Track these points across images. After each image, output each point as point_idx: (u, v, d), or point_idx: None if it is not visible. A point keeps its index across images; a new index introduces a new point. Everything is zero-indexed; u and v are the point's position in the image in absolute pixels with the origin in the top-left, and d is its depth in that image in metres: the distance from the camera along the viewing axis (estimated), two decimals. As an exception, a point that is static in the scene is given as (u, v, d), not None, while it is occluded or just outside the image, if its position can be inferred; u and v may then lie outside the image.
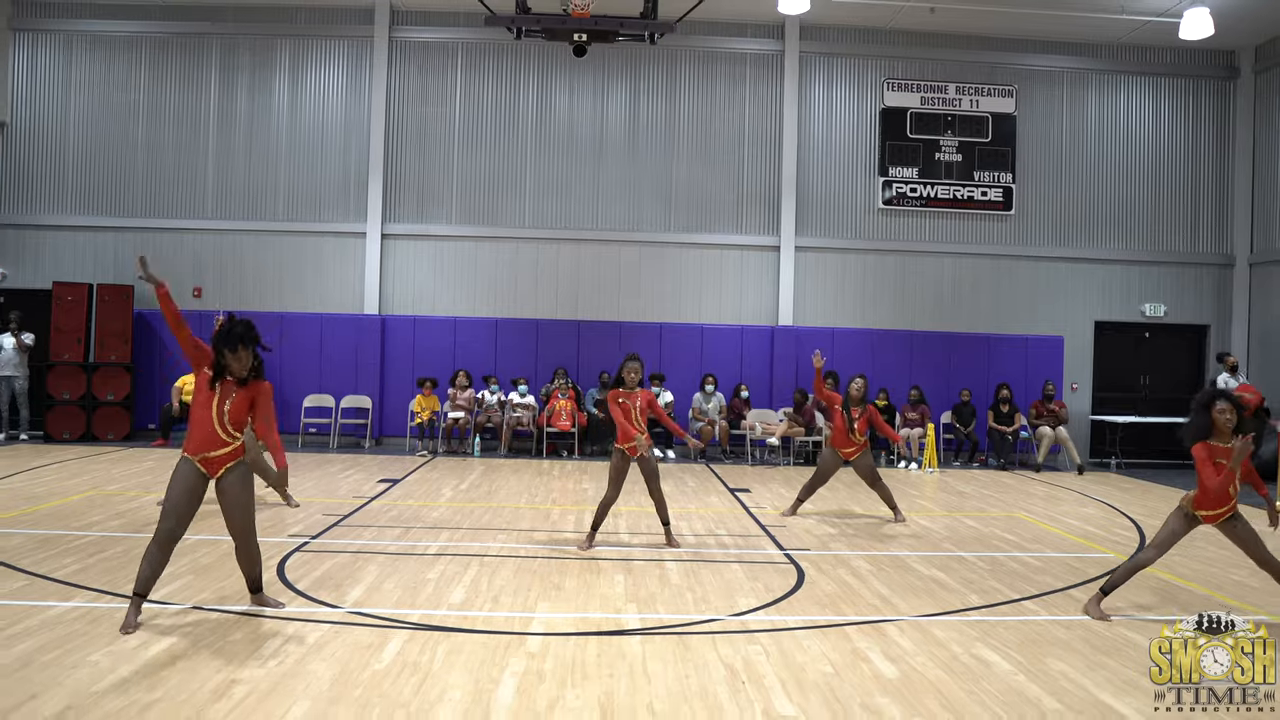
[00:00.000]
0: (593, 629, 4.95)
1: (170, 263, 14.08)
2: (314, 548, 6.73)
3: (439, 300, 14.18)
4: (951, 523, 8.67)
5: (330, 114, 14.26)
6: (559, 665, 4.34)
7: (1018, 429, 13.37)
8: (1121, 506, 9.94)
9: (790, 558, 6.85)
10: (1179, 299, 14.79)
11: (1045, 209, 14.65)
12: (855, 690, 4.13)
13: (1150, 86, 14.84)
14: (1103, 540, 7.95)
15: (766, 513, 8.90)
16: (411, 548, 6.82)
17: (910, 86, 14.52)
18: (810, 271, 14.38)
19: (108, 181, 14.12)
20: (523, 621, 5.04)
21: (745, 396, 13.60)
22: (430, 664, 4.30)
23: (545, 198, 14.31)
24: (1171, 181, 14.82)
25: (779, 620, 5.23)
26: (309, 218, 14.16)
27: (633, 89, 14.41)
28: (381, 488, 9.72)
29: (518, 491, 9.83)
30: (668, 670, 4.31)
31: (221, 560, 6.21)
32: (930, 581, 6.25)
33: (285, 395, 13.68)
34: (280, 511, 8.12)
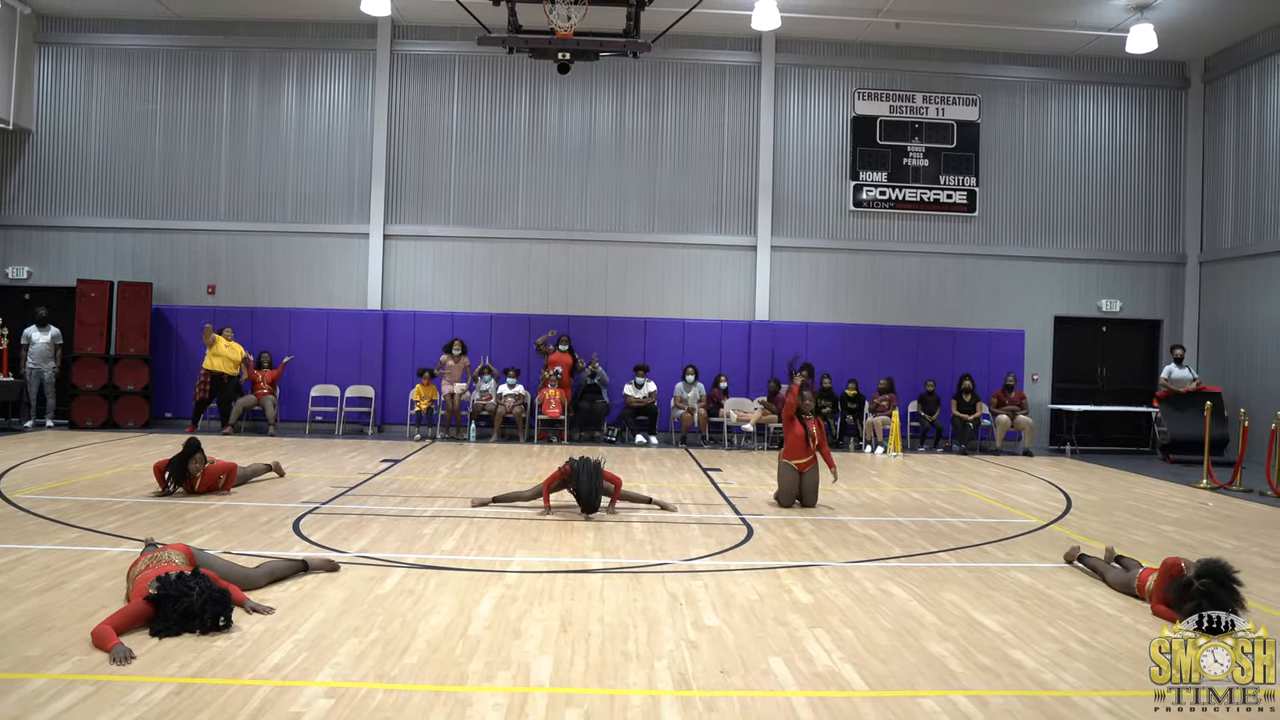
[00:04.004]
0: (561, 569, 5.87)
1: (185, 262, 15.03)
2: (324, 511, 7.65)
3: (437, 296, 15.10)
4: (899, 495, 9.57)
5: (335, 122, 15.18)
6: (530, 592, 5.27)
7: (979, 417, 14.27)
8: (1061, 484, 10.83)
9: (744, 520, 7.77)
10: (1134, 295, 15.68)
11: (1007, 210, 15.53)
12: (772, 610, 5.06)
13: (1106, 95, 15.73)
14: (1030, 509, 8.85)
15: (732, 487, 9.81)
16: (410, 512, 7.75)
17: (880, 96, 15.42)
18: (785, 270, 15.29)
19: (127, 185, 15.04)
20: (503, 563, 5.97)
21: (724, 386, 14.51)
22: (424, 590, 5.23)
23: (537, 201, 15.22)
24: (1127, 184, 15.70)
25: (722, 564, 6.15)
26: (315, 219, 15.09)
27: (619, 100, 15.33)
28: (384, 466, 10.64)
29: (507, 470, 10.76)
30: (620, 596, 5.24)
31: (244, 520, 7.14)
32: (863, 539, 7.16)
33: (294, 385, 14.60)
34: (292, 484, 9.05)
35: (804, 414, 8.52)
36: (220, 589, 4.41)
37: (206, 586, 4.38)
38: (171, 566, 4.68)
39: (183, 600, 4.30)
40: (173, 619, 4.28)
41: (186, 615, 4.28)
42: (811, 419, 8.53)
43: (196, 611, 4.27)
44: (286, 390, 14.51)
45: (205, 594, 4.32)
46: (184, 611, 4.27)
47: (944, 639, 4.62)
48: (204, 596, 4.30)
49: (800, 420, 8.45)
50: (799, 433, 8.42)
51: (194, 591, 4.32)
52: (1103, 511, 8.90)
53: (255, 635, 4.35)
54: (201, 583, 4.41)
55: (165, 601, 4.31)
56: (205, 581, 4.44)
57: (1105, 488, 10.70)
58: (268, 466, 9.30)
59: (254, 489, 8.66)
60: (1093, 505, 9.26)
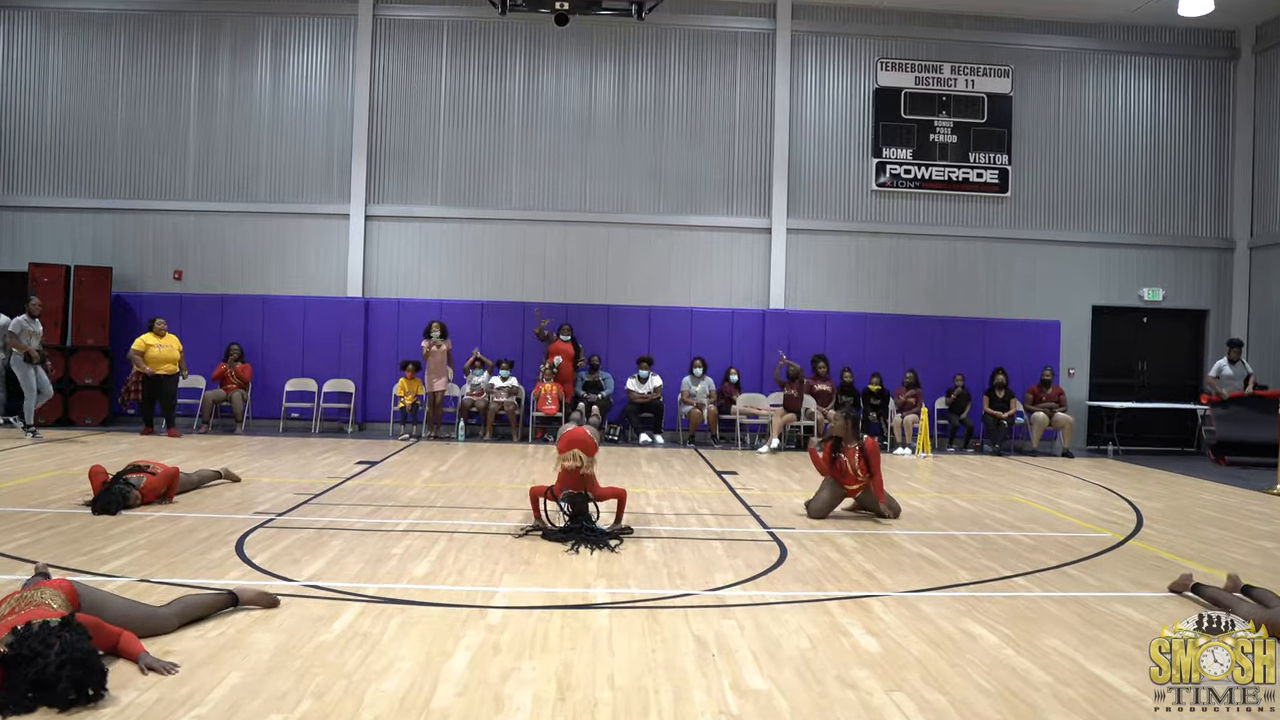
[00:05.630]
0: (558, 603, 4.69)
1: (149, 245, 13.83)
2: (279, 524, 6.48)
3: (424, 283, 13.92)
4: (942, 503, 8.42)
5: (313, 93, 13.99)
6: (518, 638, 4.08)
7: (1013, 414, 13.13)
8: (1118, 489, 9.69)
9: (774, 535, 6.60)
10: (1178, 283, 14.54)
11: (1042, 191, 14.40)
12: (832, 663, 3.88)
13: (1149, 67, 14.58)
14: (1098, 520, 7.70)
15: (753, 493, 8.64)
16: (379, 525, 6.57)
17: (904, 66, 14.27)
18: (802, 254, 14.12)
19: (86, 161, 13.84)
20: (485, 595, 4.79)
21: (735, 380, 13.34)
22: (381, 635, 4.05)
23: (532, 179, 14.04)
24: (1170, 163, 14.56)
25: (757, 595, 4.98)
26: (291, 199, 13.90)
27: (621, 68, 14.14)
28: (358, 469, 9.46)
29: (498, 472, 9.58)
30: (633, 643, 4.06)
31: (179, 536, 5.96)
32: (918, 559, 6.00)
33: (267, 379, 13.43)
34: (250, 490, 7.87)
35: (841, 451, 7.19)
36: (86, 649, 3.21)
37: (71, 643, 3.19)
38: (42, 611, 3.49)
39: (36, 662, 3.12)
40: (22, 688, 3.11)
41: (39, 683, 3.10)
42: (852, 448, 7.18)
43: (49, 680, 3.09)
44: (259, 385, 13.32)
45: (65, 655, 3.13)
46: (35, 678, 3.10)
47: (1067, 707, 3.46)
48: (61, 658, 3.12)
49: (839, 456, 7.17)
50: (843, 468, 7.19)
51: (51, 651, 3.14)
52: (1181, 523, 7.74)
53: (141, 710, 3.16)
54: (67, 637, 3.22)
55: (15, 664, 3.14)
56: (74, 635, 3.25)
57: (1166, 494, 9.56)
58: (216, 473, 8.11)
59: (203, 497, 7.48)
60: (1164, 515, 8.11)
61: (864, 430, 12.80)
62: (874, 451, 7.18)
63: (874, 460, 7.16)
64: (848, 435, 7.19)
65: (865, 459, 7.15)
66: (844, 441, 7.18)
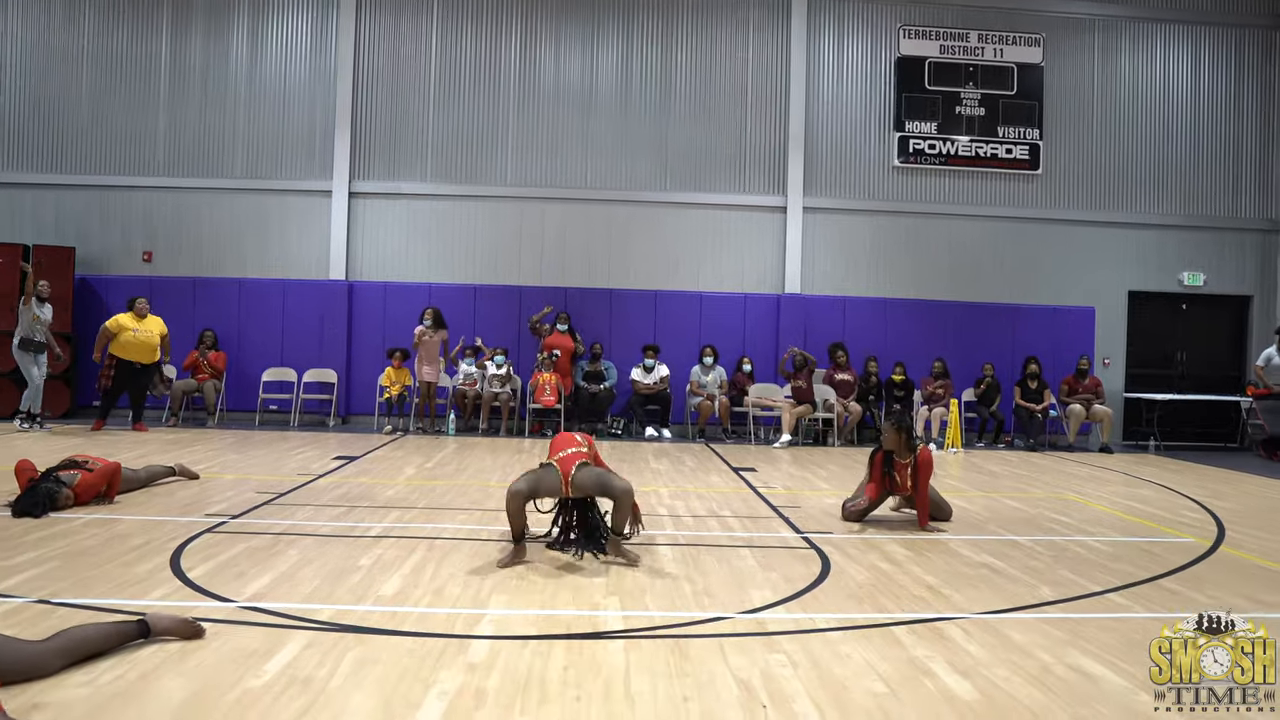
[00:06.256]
0: (560, 630, 3.74)
1: (117, 223, 12.86)
2: (231, 528, 5.52)
3: (412, 265, 12.96)
4: (990, 503, 7.47)
5: (294, 61, 13.01)
6: (508, 681, 3.13)
7: (1046, 407, 12.19)
8: (1177, 487, 8.75)
9: (810, 541, 5.64)
10: (1220, 267, 13.61)
11: (1075, 168, 13.45)
12: (920, 715, 2.94)
13: (1188, 35, 13.65)
14: (1171, 522, 6.76)
15: (776, 492, 7.69)
16: (349, 529, 5.61)
17: (928, 34, 13.32)
18: (819, 234, 13.17)
19: (48, 134, 12.86)
20: (468, 621, 3.83)
21: (748, 370, 12.39)
22: (328, 679, 3.09)
23: (529, 154, 13.07)
24: (1211, 139, 13.62)
25: (805, 619, 4.02)
26: (270, 174, 12.92)
27: (625, 35, 13.17)
28: (335, 465, 8.50)
29: (490, 469, 8.62)
30: (658, 688, 3.11)
31: (108, 544, 5.00)
32: (984, 569, 5.05)
33: (243, 369, 12.48)
34: (207, 488, 6.91)
35: (894, 468, 6.13)
36: None
37: None
38: None
39: None
40: None
41: None
42: (905, 462, 6.11)
43: None
44: (234, 375, 12.35)
45: None
46: None
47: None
48: None
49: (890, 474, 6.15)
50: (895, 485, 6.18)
51: None
52: (1267, 525, 6.80)
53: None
54: None
55: None
56: None
57: (1234, 492, 8.64)
58: (171, 469, 7.15)
59: (150, 496, 6.53)
60: (1242, 516, 7.17)
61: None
62: (925, 465, 6.08)
63: (922, 474, 6.06)
64: (900, 449, 6.11)
65: (915, 472, 6.11)
66: (896, 455, 6.13)
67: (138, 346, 10.78)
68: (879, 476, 6.18)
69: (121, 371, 10.81)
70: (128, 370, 10.79)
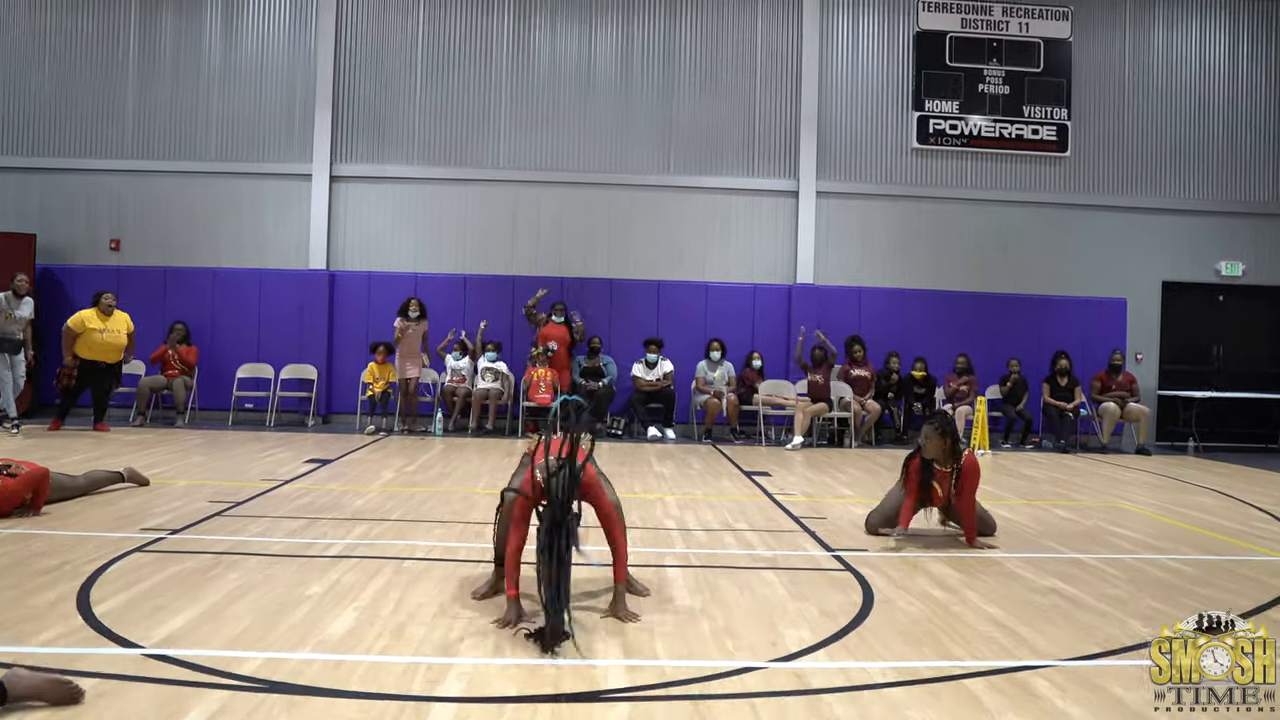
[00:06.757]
0: (547, 689, 2.92)
1: (81, 209, 12.04)
2: (166, 545, 4.72)
3: (398, 253, 12.16)
4: (1037, 513, 6.65)
5: (272, 35, 12.21)
6: (473, 773, 2.31)
7: (1077, 405, 11.39)
8: (1234, 493, 7.95)
9: (844, 562, 4.83)
10: (1259, 256, 12.82)
11: (1105, 150, 12.67)
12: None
13: (1226, 9, 12.90)
14: (1250, 536, 5.95)
15: (796, 500, 6.88)
16: (305, 547, 4.79)
17: (949, 7, 12.53)
18: (833, 220, 12.37)
19: (7, 115, 12.04)
20: (430, 675, 3.01)
21: (758, 366, 11.58)
22: (229, 773, 2.27)
23: (523, 134, 12.26)
24: (1251, 120, 12.85)
25: (855, 669, 3.20)
26: (246, 157, 12.12)
27: (626, 6, 12.36)
28: (306, 469, 7.68)
29: (477, 473, 7.80)
30: (676, 783, 2.29)
31: (11, 567, 4.19)
32: (1055, 597, 4.25)
33: (216, 364, 11.67)
34: (155, 497, 6.10)
35: (934, 476, 5.26)
36: None
37: None
38: None
39: None
40: None
41: None
42: (947, 470, 5.27)
43: None
44: (206, 371, 11.54)
45: None
46: None
47: None
48: None
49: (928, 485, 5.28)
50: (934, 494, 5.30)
51: None
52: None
53: None
54: None
55: None
56: None
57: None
58: (119, 475, 6.33)
59: (88, 506, 5.72)
60: (1323, 527, 6.36)
61: (906, 423, 11.21)
62: (972, 473, 5.27)
63: (968, 483, 5.25)
64: (944, 457, 5.27)
65: (957, 481, 5.28)
66: (937, 463, 5.30)
67: (104, 346, 10.02)
68: (915, 486, 5.33)
69: (84, 371, 10.04)
70: (91, 369, 10.03)
